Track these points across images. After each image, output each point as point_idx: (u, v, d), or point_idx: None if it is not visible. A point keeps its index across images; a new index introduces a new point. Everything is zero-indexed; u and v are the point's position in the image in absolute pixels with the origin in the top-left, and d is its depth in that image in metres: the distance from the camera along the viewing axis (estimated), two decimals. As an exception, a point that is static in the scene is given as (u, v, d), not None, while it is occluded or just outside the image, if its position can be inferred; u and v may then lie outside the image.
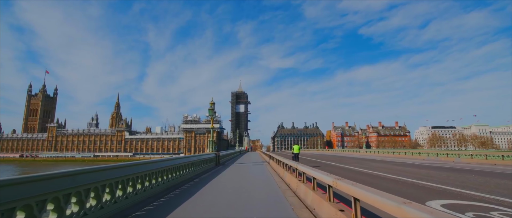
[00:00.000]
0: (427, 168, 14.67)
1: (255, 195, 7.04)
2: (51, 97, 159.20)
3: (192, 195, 6.83)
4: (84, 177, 4.02)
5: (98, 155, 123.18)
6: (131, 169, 5.77)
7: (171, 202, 6.03)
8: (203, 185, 8.54)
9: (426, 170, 13.21)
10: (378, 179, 9.95)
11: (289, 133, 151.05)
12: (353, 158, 26.65)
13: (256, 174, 12.19)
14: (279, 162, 13.06)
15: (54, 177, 3.40)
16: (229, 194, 7.02)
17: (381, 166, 15.90)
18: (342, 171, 13.72)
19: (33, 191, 3.05)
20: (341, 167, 16.24)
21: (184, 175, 9.78)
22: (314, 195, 5.46)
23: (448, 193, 6.99)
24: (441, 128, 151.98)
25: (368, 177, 10.66)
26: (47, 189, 3.26)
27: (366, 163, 19.27)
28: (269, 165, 16.92)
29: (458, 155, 20.96)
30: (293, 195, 6.87)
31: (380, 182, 9.02)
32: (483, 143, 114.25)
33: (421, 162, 19.30)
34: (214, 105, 17.84)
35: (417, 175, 11.17)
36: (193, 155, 11.66)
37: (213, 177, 10.87)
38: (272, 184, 8.72)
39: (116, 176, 5.00)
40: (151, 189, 6.72)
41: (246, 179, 10.46)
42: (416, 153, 27.47)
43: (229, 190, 7.64)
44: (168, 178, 8.04)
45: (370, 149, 43.51)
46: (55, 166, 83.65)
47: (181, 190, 7.51)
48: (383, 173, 11.85)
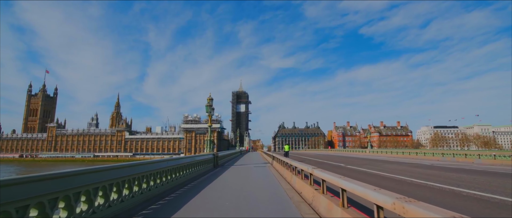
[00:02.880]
0: (452, 170, 13.01)
1: (260, 209, 5.44)
2: (51, 97, 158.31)
3: (177, 209, 5.25)
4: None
5: (98, 155, 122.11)
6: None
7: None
8: (195, 194, 6.95)
9: (454, 174, 11.55)
10: (406, 185, 8.32)
11: (290, 133, 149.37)
12: (361, 159, 24.98)
13: (259, 179, 10.59)
14: (285, 164, 11.44)
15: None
16: (227, 208, 5.42)
17: (398, 168, 14.25)
18: (357, 174, 12.08)
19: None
20: (353, 169, 14.60)
21: (173, 180, 8.19)
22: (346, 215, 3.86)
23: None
24: (443, 128, 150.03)
25: (392, 183, 9.03)
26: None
27: (378, 164, 17.63)
28: (273, 167, 15.33)
29: (478, 156, 19.26)
30: (310, 211, 5.25)
31: (414, 191, 7.38)
32: (486, 143, 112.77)
33: (440, 164, 17.64)
34: (212, 101, 16.21)
35: (448, 179, 9.54)
36: (187, 157, 10.05)
37: (209, 181, 9.28)
38: (280, 193, 7.13)
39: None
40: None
41: (248, 184, 8.87)
42: (429, 153, 25.68)
43: (226, 202, 6.04)
44: (148, 186, 6.40)
45: (375, 149, 41.83)
46: (55, 166, 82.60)
47: (167, 201, 5.92)
48: (407, 178, 10.21)
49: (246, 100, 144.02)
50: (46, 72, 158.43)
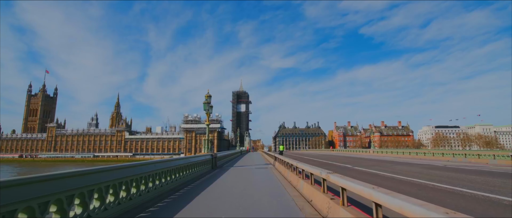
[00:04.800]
0: (472, 172, 11.92)
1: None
2: (51, 97, 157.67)
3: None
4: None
5: (98, 155, 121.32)
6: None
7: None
8: (187, 202, 5.90)
9: (477, 176, 10.45)
10: (431, 191, 7.24)
11: (290, 133, 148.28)
12: (366, 159, 23.88)
13: (262, 183, 9.53)
14: (289, 166, 10.38)
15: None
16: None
17: (411, 170, 13.16)
18: (369, 177, 11.01)
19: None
20: (362, 171, 13.51)
21: (164, 185, 7.15)
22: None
23: None
24: (444, 128, 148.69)
25: (414, 188, 7.96)
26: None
27: (387, 165, 16.54)
28: (275, 169, 14.28)
29: (493, 156, 18.12)
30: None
31: (443, 198, 6.31)
32: (488, 143, 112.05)
33: (453, 165, 16.55)
34: (210, 98, 15.15)
35: (474, 183, 8.46)
36: (179, 159, 9.00)
37: (206, 186, 8.23)
38: (287, 201, 6.07)
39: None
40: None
41: (249, 190, 7.82)
42: (438, 154, 24.48)
43: (223, 215, 4.98)
44: (128, 194, 5.32)
45: (378, 149, 40.72)
46: (54, 167, 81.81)
47: (151, 212, 4.86)
48: (428, 181, 9.13)
49: (247, 99, 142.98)
50: (46, 72, 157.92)
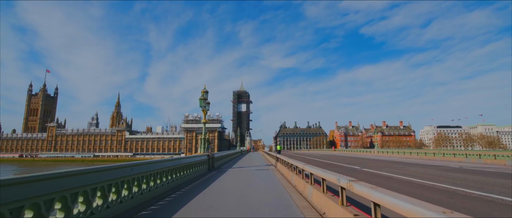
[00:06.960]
0: (496, 175, 10.75)
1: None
2: (51, 96, 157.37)
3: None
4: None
5: (98, 155, 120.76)
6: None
7: None
8: (174, 211, 4.80)
9: (506, 180, 9.31)
10: (465, 200, 6.10)
11: (291, 132, 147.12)
12: (372, 160, 22.72)
13: (263, 188, 8.40)
14: (294, 168, 9.27)
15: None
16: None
17: (427, 173, 11.99)
18: (384, 181, 9.87)
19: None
20: (372, 173, 12.35)
21: (152, 189, 6.06)
22: None
23: None
24: (446, 128, 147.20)
25: (443, 195, 6.82)
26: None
27: (397, 167, 15.39)
28: (277, 170, 13.17)
29: (511, 157, 16.93)
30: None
31: (491, 211, 5.19)
32: (491, 143, 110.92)
33: (469, 166, 15.38)
34: (207, 94, 14.05)
35: (507, 188, 7.35)
36: (170, 160, 7.90)
37: (201, 189, 7.14)
38: (295, 213, 4.96)
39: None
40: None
41: (248, 196, 6.71)
42: (449, 154, 23.18)
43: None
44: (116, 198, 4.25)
45: (382, 149, 39.54)
46: (54, 166, 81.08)
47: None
48: (453, 187, 7.99)
49: (247, 99, 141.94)
50: (47, 72, 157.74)
